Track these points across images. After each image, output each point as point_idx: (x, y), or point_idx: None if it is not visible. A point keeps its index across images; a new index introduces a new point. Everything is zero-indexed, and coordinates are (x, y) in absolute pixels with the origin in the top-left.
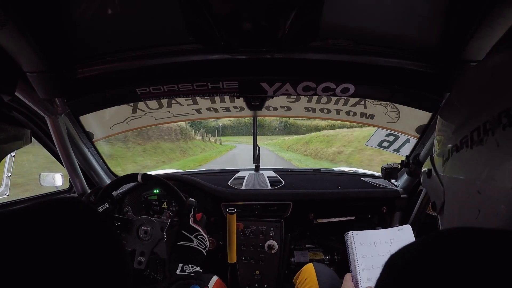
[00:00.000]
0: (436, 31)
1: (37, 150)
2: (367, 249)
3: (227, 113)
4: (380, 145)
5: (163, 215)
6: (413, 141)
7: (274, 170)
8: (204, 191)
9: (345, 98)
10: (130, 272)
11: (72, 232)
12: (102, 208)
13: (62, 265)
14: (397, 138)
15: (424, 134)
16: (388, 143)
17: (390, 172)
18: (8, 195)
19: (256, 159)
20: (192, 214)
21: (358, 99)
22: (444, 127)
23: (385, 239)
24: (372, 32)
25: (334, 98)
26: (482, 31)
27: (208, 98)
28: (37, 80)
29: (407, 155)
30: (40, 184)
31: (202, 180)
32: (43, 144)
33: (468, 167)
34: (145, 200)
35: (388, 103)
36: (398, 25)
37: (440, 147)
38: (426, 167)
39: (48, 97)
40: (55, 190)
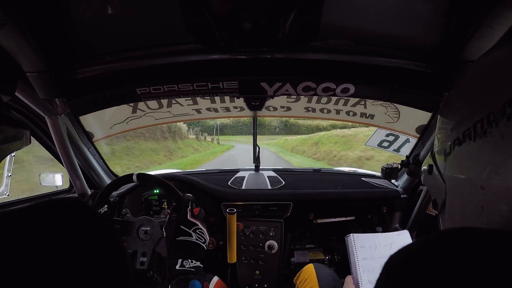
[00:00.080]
0: (436, 31)
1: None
2: (367, 251)
3: (227, 113)
4: (380, 145)
5: (162, 214)
6: (413, 141)
7: (274, 170)
8: (204, 191)
9: (345, 98)
10: (130, 272)
11: (72, 232)
12: (101, 212)
13: (62, 265)
14: (397, 138)
15: (424, 134)
16: (388, 143)
17: (390, 172)
18: (8, 195)
19: (256, 159)
20: (189, 208)
21: (358, 99)
22: (444, 125)
23: (384, 242)
24: (372, 32)
25: (334, 98)
26: (482, 31)
27: (208, 98)
28: (37, 80)
29: (407, 155)
30: (40, 184)
31: (202, 180)
32: (43, 144)
33: (471, 161)
34: (145, 200)
35: (388, 103)
36: (398, 25)
37: (441, 143)
38: (427, 164)
39: (48, 97)
40: (55, 190)
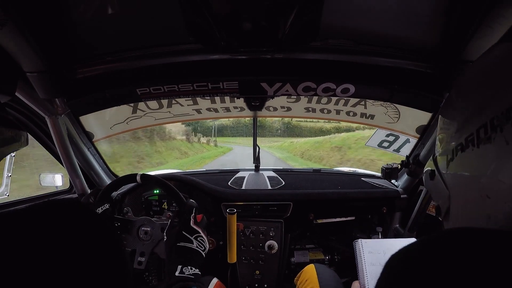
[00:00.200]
0: (436, 31)
1: None
2: (376, 257)
3: (227, 113)
4: (380, 145)
5: (163, 215)
6: (413, 141)
7: (274, 170)
8: (204, 191)
9: (345, 98)
10: (130, 272)
11: (71, 233)
12: (102, 209)
13: (62, 266)
14: (397, 138)
15: (424, 134)
16: (388, 143)
17: (390, 172)
18: (8, 195)
19: (256, 159)
20: (193, 215)
21: (358, 100)
22: (446, 125)
23: (393, 248)
24: (372, 32)
25: (334, 99)
26: (482, 31)
27: (208, 98)
28: (37, 80)
29: (407, 155)
30: (40, 184)
31: (202, 180)
32: (43, 144)
33: (475, 168)
34: (145, 201)
35: (388, 103)
36: (398, 25)
37: (443, 146)
38: (429, 167)
39: (48, 97)
40: (55, 190)
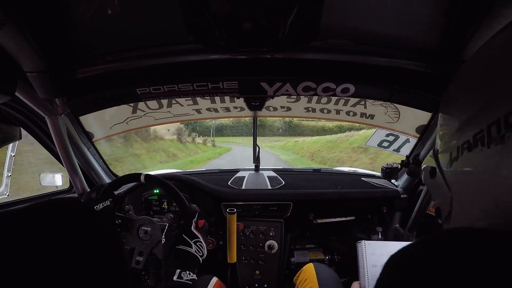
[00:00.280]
0: (436, 31)
1: None
2: (377, 259)
3: (227, 113)
4: (380, 145)
5: (164, 216)
6: (413, 141)
7: (274, 170)
8: (204, 191)
9: (345, 98)
10: (130, 272)
11: (71, 232)
12: (103, 205)
13: (62, 265)
14: (397, 138)
15: (424, 134)
16: (388, 143)
17: (390, 172)
18: (8, 195)
19: (256, 159)
20: (195, 220)
21: (358, 99)
22: (447, 121)
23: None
24: (372, 32)
25: (334, 98)
26: (482, 31)
27: (208, 98)
28: (37, 80)
29: (407, 155)
30: (40, 184)
31: (202, 180)
32: (43, 144)
33: (484, 171)
34: (145, 200)
35: (388, 103)
36: (398, 25)
37: (445, 144)
38: (429, 164)
39: (48, 97)
40: (55, 190)
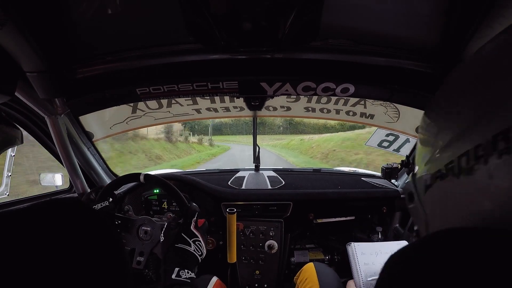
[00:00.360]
0: (436, 31)
1: None
2: (368, 257)
3: (227, 113)
4: (380, 145)
5: (164, 215)
6: (413, 141)
7: (274, 170)
8: (204, 191)
9: (345, 98)
10: (130, 272)
11: (72, 232)
12: (101, 206)
13: (62, 265)
14: (397, 138)
15: None
16: (388, 143)
17: (390, 172)
18: (8, 194)
19: (256, 159)
20: (194, 219)
21: (358, 99)
22: (429, 130)
23: (385, 250)
24: (372, 32)
25: (334, 98)
26: (482, 31)
27: (208, 98)
28: (37, 80)
29: (407, 155)
30: (40, 184)
31: (202, 180)
32: (43, 144)
33: (454, 200)
34: (145, 200)
35: (388, 103)
36: (398, 25)
37: (422, 170)
38: (408, 189)
39: (48, 97)
40: (55, 190)
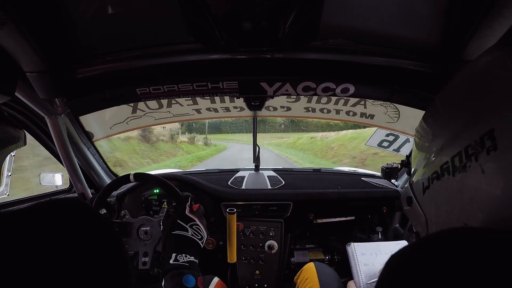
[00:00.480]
0: (436, 31)
1: None
2: (368, 258)
3: (227, 113)
4: (380, 145)
5: (161, 212)
6: (413, 140)
7: (274, 170)
8: (204, 191)
9: (345, 98)
10: (131, 272)
11: (72, 232)
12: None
13: (63, 265)
14: (397, 138)
15: None
16: (388, 143)
17: (390, 172)
18: (8, 194)
19: (256, 159)
20: (188, 204)
21: (358, 99)
22: (425, 136)
23: (385, 250)
24: (372, 32)
25: (334, 98)
26: (482, 31)
27: (208, 98)
28: (37, 80)
29: (407, 155)
30: (40, 184)
31: (202, 180)
32: (43, 144)
33: (451, 197)
34: (145, 200)
35: (388, 103)
36: (398, 25)
37: (419, 173)
38: (406, 194)
39: (48, 97)
40: (55, 190)
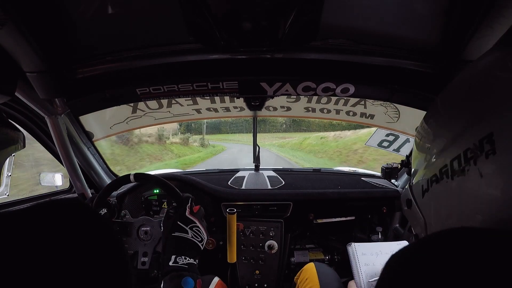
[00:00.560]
0: (436, 31)
1: None
2: (369, 258)
3: (227, 113)
4: (380, 145)
5: (161, 213)
6: (413, 140)
7: (274, 170)
8: (204, 191)
9: (345, 98)
10: (131, 272)
11: (72, 233)
12: (101, 214)
13: (63, 266)
14: (397, 138)
15: None
16: (388, 143)
17: (390, 172)
18: (8, 195)
19: (256, 159)
20: (188, 205)
21: (358, 99)
22: (426, 136)
23: (386, 250)
24: (372, 32)
25: (334, 98)
26: (482, 31)
27: (208, 98)
28: (37, 80)
29: (407, 155)
30: (40, 184)
31: (202, 180)
32: (43, 144)
33: (450, 200)
34: (145, 200)
35: (388, 103)
36: (398, 25)
37: (419, 174)
38: (405, 196)
39: (48, 97)
40: (55, 190)
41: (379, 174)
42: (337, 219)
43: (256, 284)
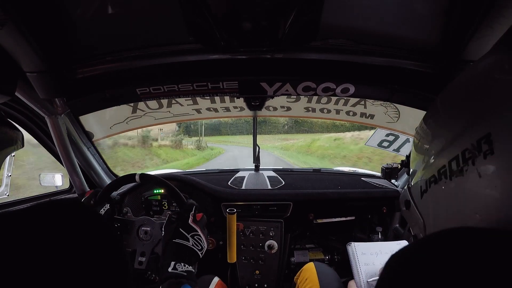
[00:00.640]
0: (436, 31)
1: None
2: (369, 258)
3: (227, 113)
4: (380, 145)
5: (163, 215)
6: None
7: (274, 170)
8: (204, 191)
9: (345, 98)
10: (130, 272)
11: (72, 233)
12: (104, 210)
13: (63, 266)
14: (397, 138)
15: None
16: (388, 143)
17: (390, 172)
18: (8, 195)
19: (256, 159)
20: (192, 213)
21: (358, 99)
22: (424, 137)
23: (386, 250)
24: (372, 32)
25: (334, 98)
26: (482, 31)
27: (208, 98)
28: (37, 80)
29: (407, 155)
30: (40, 184)
31: (202, 180)
32: (43, 144)
33: (448, 201)
34: (145, 200)
35: (388, 103)
36: (398, 25)
37: (418, 174)
38: (404, 197)
39: (48, 97)
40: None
41: (379, 174)
42: (337, 219)
43: (256, 284)
